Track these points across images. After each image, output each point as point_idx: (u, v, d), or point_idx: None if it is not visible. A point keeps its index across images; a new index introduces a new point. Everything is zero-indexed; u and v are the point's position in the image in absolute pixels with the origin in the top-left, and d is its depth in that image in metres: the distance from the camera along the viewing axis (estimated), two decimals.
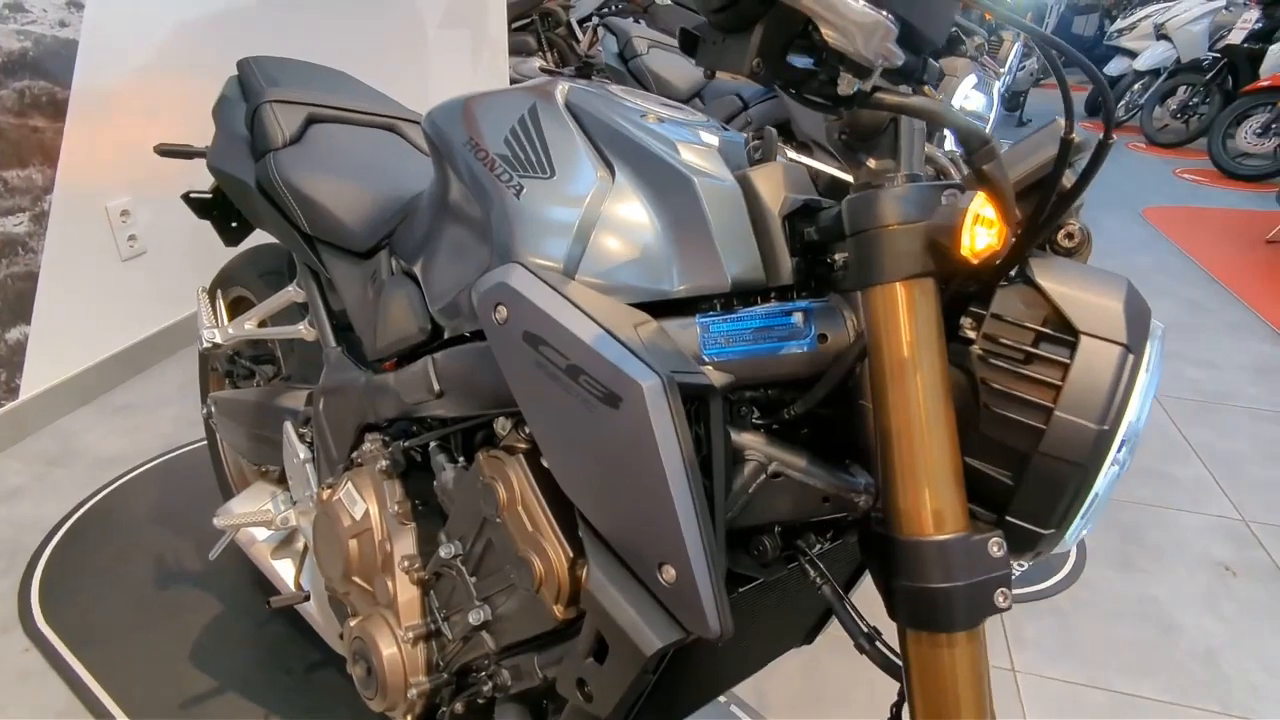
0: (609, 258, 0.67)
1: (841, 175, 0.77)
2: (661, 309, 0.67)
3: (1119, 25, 7.84)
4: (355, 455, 1.04)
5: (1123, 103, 7.06)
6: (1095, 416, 0.53)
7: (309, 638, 1.45)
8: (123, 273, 2.39)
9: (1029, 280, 0.57)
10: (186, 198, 1.60)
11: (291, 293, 1.26)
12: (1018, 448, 0.57)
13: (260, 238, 1.53)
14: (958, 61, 2.37)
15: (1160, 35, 6.85)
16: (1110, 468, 0.54)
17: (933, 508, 0.55)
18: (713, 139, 0.75)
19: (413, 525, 0.91)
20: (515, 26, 5.73)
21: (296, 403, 1.28)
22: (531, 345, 0.62)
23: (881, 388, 0.56)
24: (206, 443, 1.77)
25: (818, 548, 0.71)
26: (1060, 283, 0.56)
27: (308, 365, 1.37)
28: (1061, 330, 0.55)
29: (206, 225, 1.59)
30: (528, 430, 0.75)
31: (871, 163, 0.60)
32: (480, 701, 0.85)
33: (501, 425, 0.82)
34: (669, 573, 0.57)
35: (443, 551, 0.81)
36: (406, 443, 0.93)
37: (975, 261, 0.51)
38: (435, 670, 0.89)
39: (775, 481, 0.66)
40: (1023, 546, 0.58)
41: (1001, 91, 2.39)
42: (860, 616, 0.67)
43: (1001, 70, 2.71)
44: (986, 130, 0.54)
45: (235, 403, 1.44)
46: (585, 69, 4.54)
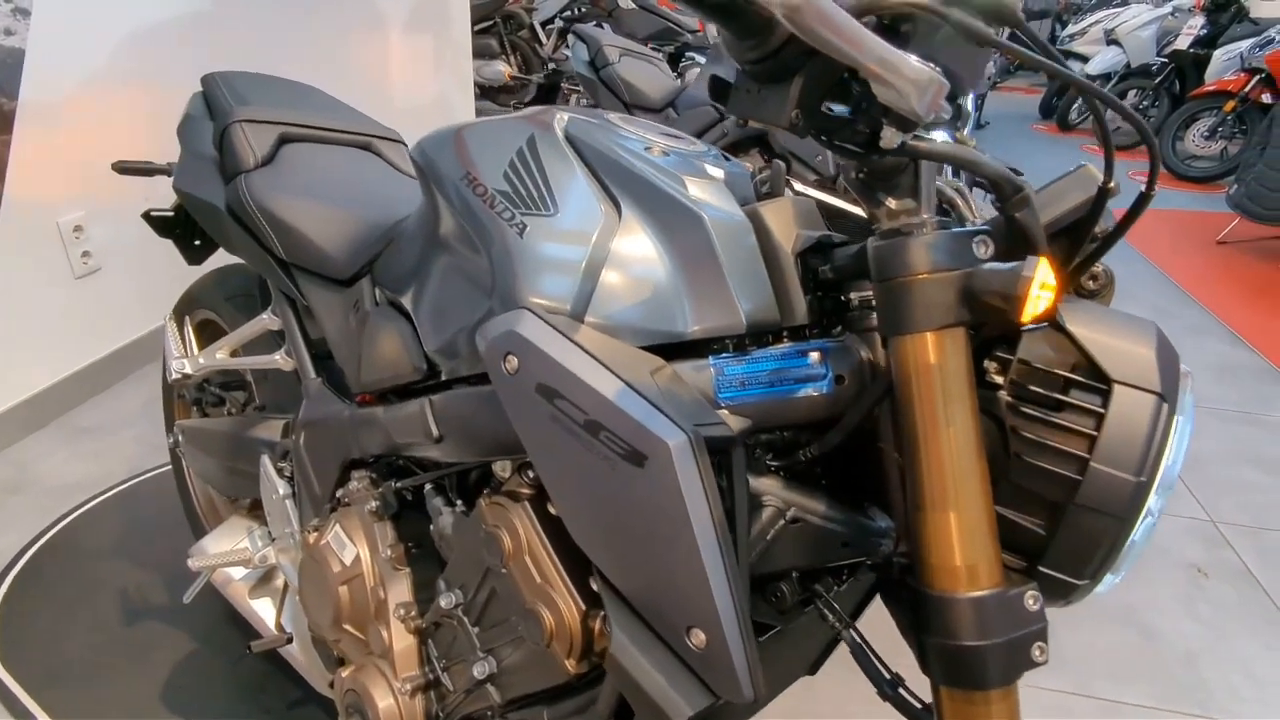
0: (618, 299, 0.65)
1: (850, 209, 0.76)
2: (672, 350, 0.65)
3: (1070, 31, 8.06)
4: (340, 493, 1.00)
5: (1075, 106, 7.24)
6: (1133, 468, 0.53)
7: (288, 675, 1.40)
8: (77, 290, 2.30)
9: (1057, 325, 0.56)
10: (147, 216, 1.54)
11: (266, 320, 1.21)
12: (1050, 497, 0.56)
13: (225, 257, 1.47)
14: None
15: (1110, 40, 7.05)
16: (1146, 518, 0.53)
17: (966, 563, 0.53)
18: (718, 171, 0.73)
19: (407, 571, 0.87)
20: (477, 29, 5.66)
21: (272, 434, 1.23)
22: (546, 398, 0.59)
23: (912, 440, 0.55)
24: (172, 470, 1.70)
25: (834, 590, 0.70)
26: (1090, 328, 0.55)
27: (282, 393, 1.32)
28: (1093, 378, 0.54)
29: (165, 241, 1.53)
30: (532, 475, 0.72)
31: (892, 203, 0.58)
32: None
33: (501, 468, 0.79)
34: (698, 637, 0.55)
35: (443, 601, 0.78)
36: (399, 483, 0.89)
37: (1030, 324, 0.50)
38: None
39: (793, 527, 0.64)
40: (1055, 596, 0.57)
41: (975, 101, 2.42)
42: (882, 663, 0.65)
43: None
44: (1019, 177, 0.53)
45: (205, 433, 1.38)
46: (554, 76, 4.49)
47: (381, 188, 1.22)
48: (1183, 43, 6.36)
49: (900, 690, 0.64)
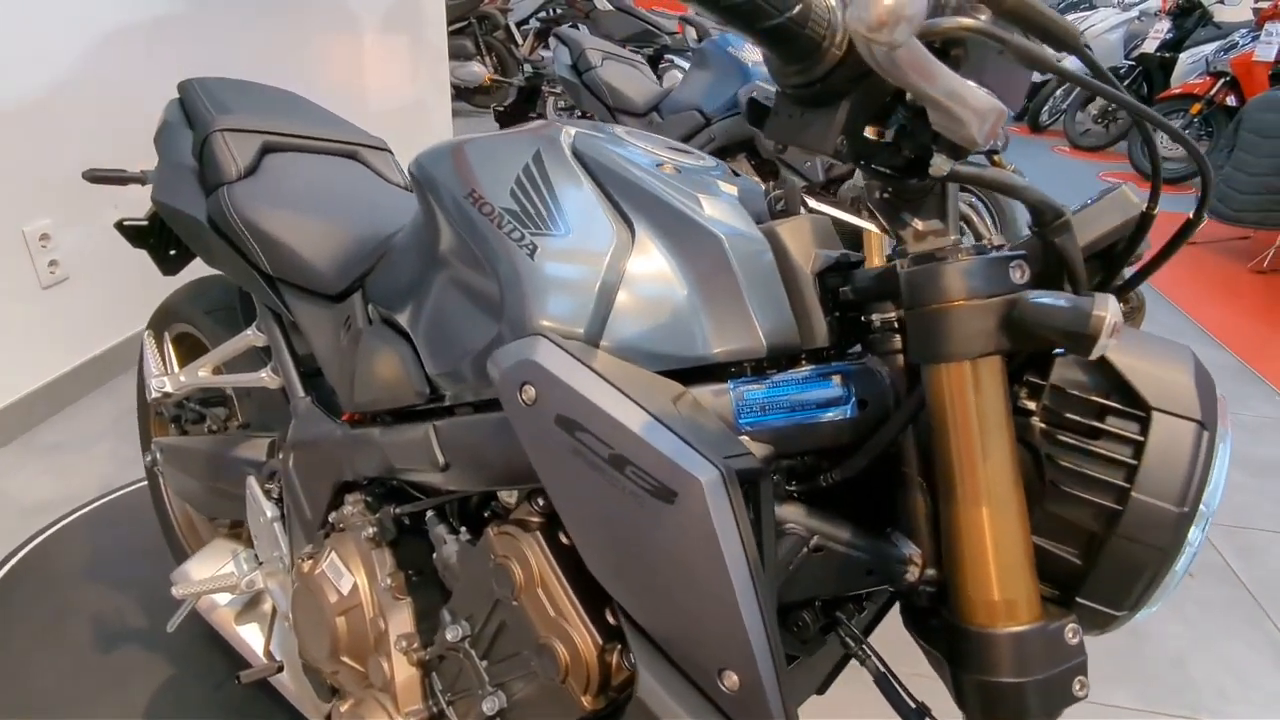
0: (635, 323, 0.63)
1: (865, 225, 0.74)
2: (689, 375, 0.63)
3: None
4: (333, 517, 0.97)
5: (1046, 108, 7.35)
6: (1175, 498, 0.52)
7: (274, 700, 1.36)
8: (43, 300, 2.22)
9: None
10: (120, 226, 1.48)
11: (250, 336, 1.17)
12: (1089, 527, 0.55)
13: (202, 268, 1.42)
14: None
15: None
16: (1187, 548, 0.52)
17: (1005, 597, 0.52)
18: (731, 189, 0.72)
19: (408, 600, 0.84)
20: (451, 30, 5.60)
21: (258, 453, 1.19)
22: (566, 430, 0.57)
23: (947, 471, 0.53)
24: (149, 490, 1.64)
25: (855, 618, 0.68)
26: (1126, 354, 0.54)
27: (267, 411, 1.28)
28: (1130, 404, 0.53)
29: (138, 251, 1.47)
30: (541, 503, 0.70)
31: (918, 224, 0.57)
32: None
33: (508, 495, 0.76)
34: (730, 679, 0.52)
35: (449, 634, 0.75)
36: (398, 509, 0.86)
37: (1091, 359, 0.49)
38: None
39: (817, 555, 0.63)
40: (1092, 627, 0.56)
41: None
42: (908, 692, 0.64)
43: None
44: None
45: (186, 451, 1.33)
46: (535, 78, 4.45)
47: (370, 199, 1.18)
48: (1149, 46, 6.48)
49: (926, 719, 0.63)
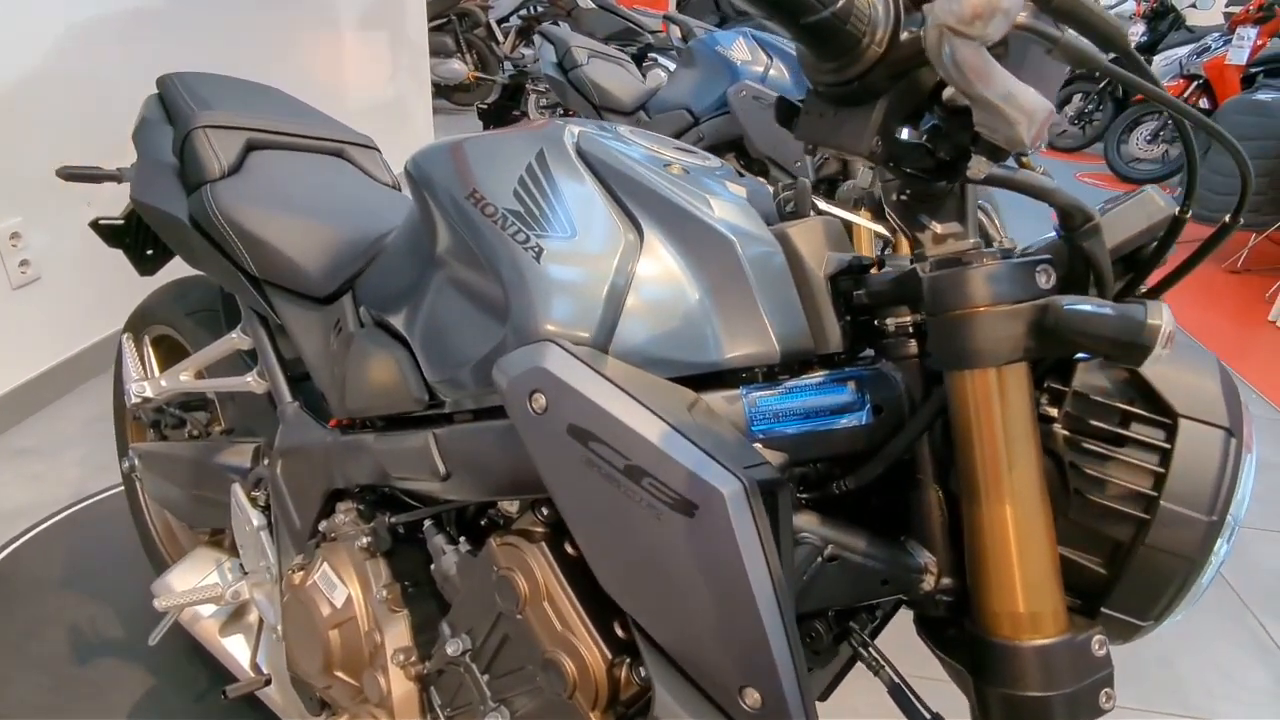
0: (644, 328, 0.61)
1: (874, 227, 0.73)
2: (699, 381, 0.61)
3: None
4: (323, 526, 0.94)
5: None
6: (1204, 507, 0.51)
7: (259, 713, 1.32)
8: (14, 301, 2.15)
9: None
10: (95, 225, 1.44)
11: (235, 339, 1.13)
12: (1115, 536, 0.54)
13: (180, 268, 1.38)
14: None
15: None
16: (1214, 559, 0.52)
17: (1030, 610, 0.51)
18: (740, 190, 0.70)
19: (404, 612, 0.82)
20: (431, 26, 5.55)
21: (242, 459, 1.16)
22: (579, 441, 0.55)
23: (971, 481, 0.52)
24: (126, 497, 1.60)
25: (868, 627, 0.67)
26: (1150, 360, 0.53)
27: (251, 416, 1.24)
28: (1156, 411, 0.52)
29: (114, 251, 1.43)
30: (546, 512, 0.67)
31: (937, 227, 0.56)
32: None
33: (509, 504, 0.74)
34: (752, 697, 0.51)
35: (449, 648, 0.72)
36: (393, 518, 0.83)
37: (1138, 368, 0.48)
38: None
39: (831, 565, 0.61)
40: (1117, 637, 0.55)
41: None
42: (923, 704, 0.63)
43: None
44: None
45: (167, 458, 1.29)
46: (519, 76, 4.40)
47: (358, 198, 1.15)
48: None
49: None
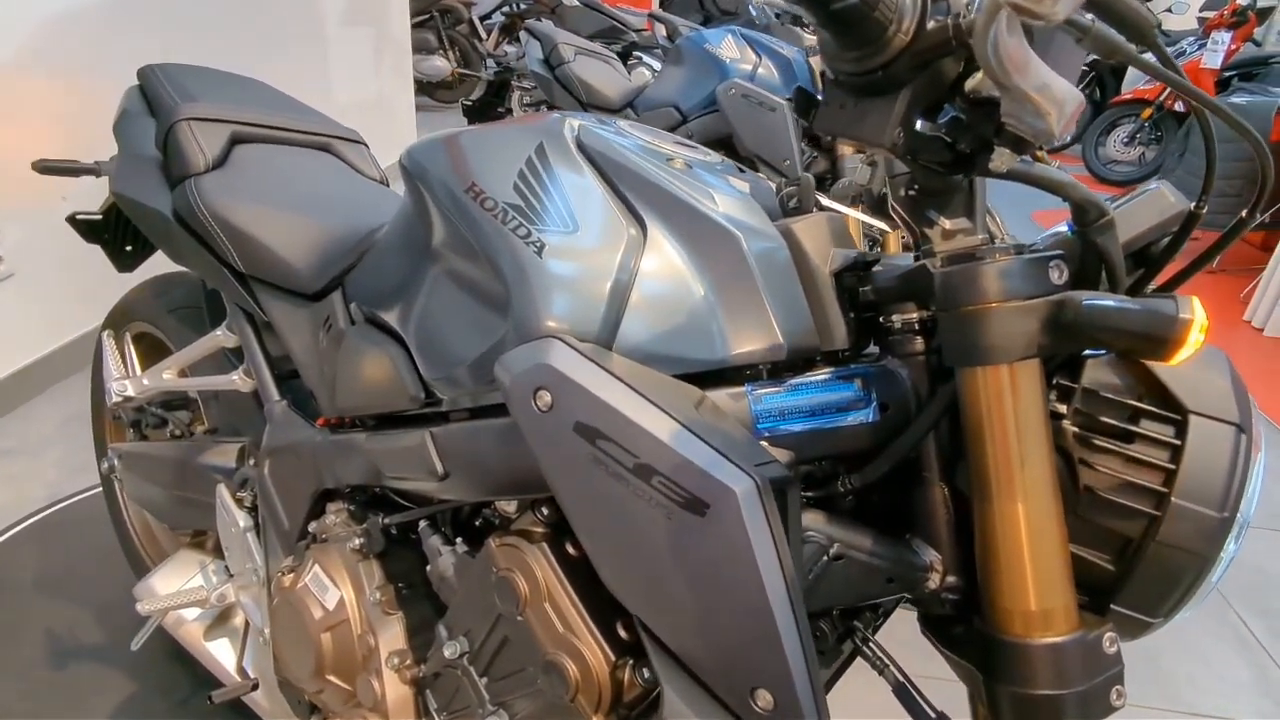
0: (649, 324, 0.60)
1: (876, 223, 0.72)
2: (703, 378, 0.61)
3: None
4: (313, 527, 0.92)
5: None
6: (1216, 503, 0.51)
7: (242, 716, 1.30)
8: None
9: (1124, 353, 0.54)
10: (73, 220, 1.40)
11: (220, 337, 1.11)
12: (1126, 533, 0.53)
13: (159, 265, 1.35)
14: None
15: None
16: (1224, 557, 0.52)
17: (1042, 607, 0.51)
18: (744, 185, 0.69)
19: (399, 614, 0.80)
20: (414, 23, 5.49)
21: (227, 459, 1.13)
22: (587, 439, 0.54)
23: (983, 477, 0.52)
24: (104, 498, 1.56)
25: (872, 625, 0.66)
26: None
27: (236, 415, 1.22)
28: (1166, 407, 0.52)
29: (84, 245, 1.39)
30: (546, 512, 0.66)
31: (946, 223, 0.55)
32: None
33: (508, 504, 0.73)
34: (765, 699, 0.50)
35: (446, 651, 0.71)
36: (387, 518, 0.82)
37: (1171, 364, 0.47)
38: None
39: (837, 564, 0.61)
40: (1126, 634, 0.55)
41: None
42: (928, 703, 0.62)
43: None
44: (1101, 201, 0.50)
45: (148, 458, 1.26)
46: (504, 73, 4.37)
47: (346, 193, 1.13)
48: None
49: None
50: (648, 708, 0.64)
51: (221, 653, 1.11)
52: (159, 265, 1.40)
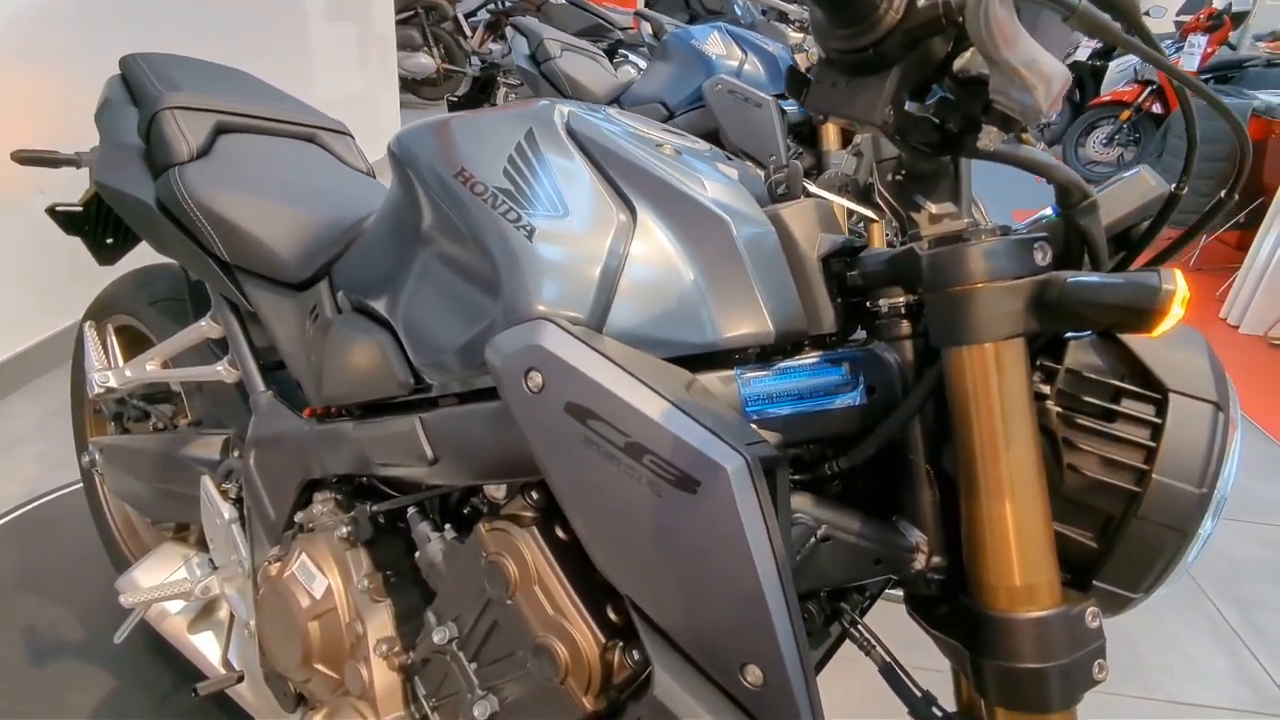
0: (639, 308, 0.60)
1: (863, 211, 0.73)
2: (692, 362, 0.61)
3: None
4: (299, 517, 0.92)
5: None
6: (1195, 479, 0.52)
7: (227, 711, 1.29)
8: None
9: (1106, 332, 0.55)
10: (52, 211, 1.38)
11: (205, 327, 1.10)
12: (1107, 510, 0.54)
13: (143, 257, 1.34)
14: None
15: None
16: (1201, 534, 0.53)
17: (1026, 583, 0.51)
18: (732, 172, 0.70)
19: (387, 602, 0.80)
20: (398, 20, 5.46)
21: (212, 451, 1.12)
22: (578, 419, 0.54)
23: (969, 456, 0.52)
24: (85, 493, 1.54)
25: (859, 607, 0.67)
26: (1140, 337, 0.54)
27: (220, 406, 1.21)
28: (1146, 387, 0.53)
29: (64, 238, 1.37)
30: (536, 496, 0.67)
31: (932, 207, 0.56)
32: None
33: (496, 489, 0.73)
34: (754, 674, 0.51)
35: (435, 636, 0.71)
36: (375, 506, 0.81)
37: (1152, 337, 0.48)
38: None
39: (825, 545, 0.61)
40: (1106, 610, 0.56)
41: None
42: (913, 681, 0.63)
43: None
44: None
45: (131, 451, 1.25)
46: (489, 69, 4.36)
47: (332, 183, 1.13)
48: (1082, 54, 6.74)
49: (934, 709, 0.62)
50: (637, 690, 0.64)
51: (206, 646, 1.10)
52: (139, 259, 1.39)
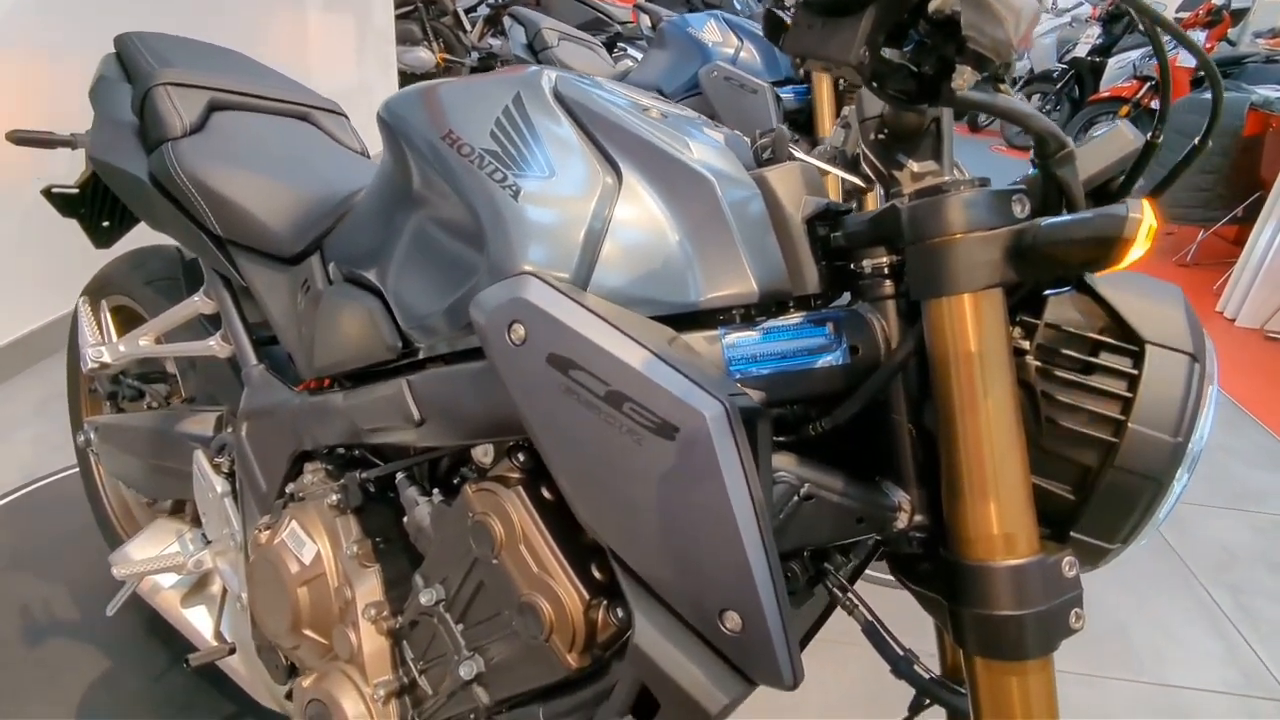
0: (624, 268, 0.61)
1: (848, 176, 0.74)
2: (677, 322, 0.62)
3: None
4: (291, 488, 0.92)
5: None
6: (1170, 428, 0.52)
7: (220, 689, 1.29)
8: None
9: (1084, 287, 0.55)
10: (48, 193, 1.39)
11: (198, 303, 1.11)
12: (1084, 461, 0.55)
13: (139, 240, 1.34)
14: None
15: None
16: (1176, 485, 0.53)
17: (1004, 531, 0.52)
18: (718, 135, 0.70)
19: (376, 567, 0.81)
20: (398, 14, 5.46)
21: (205, 427, 1.13)
22: (560, 369, 0.54)
23: (948, 406, 0.53)
24: (80, 473, 1.55)
25: (843, 568, 0.68)
26: (1117, 290, 0.55)
27: (214, 383, 1.22)
28: (1124, 339, 0.54)
29: (61, 222, 1.37)
30: (522, 458, 0.67)
31: (914, 165, 0.57)
32: None
33: (483, 452, 0.73)
34: (733, 620, 0.51)
35: (423, 599, 0.71)
36: (364, 474, 0.82)
37: (1119, 268, 0.49)
38: None
39: (808, 504, 0.62)
40: (1085, 562, 0.57)
41: None
42: (895, 639, 0.64)
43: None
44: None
45: (125, 429, 1.26)
46: (488, 60, 4.36)
47: (325, 160, 1.13)
48: (1081, 50, 6.75)
49: (915, 668, 0.63)
50: (621, 648, 0.65)
51: (199, 619, 1.11)
52: (135, 241, 1.39)
